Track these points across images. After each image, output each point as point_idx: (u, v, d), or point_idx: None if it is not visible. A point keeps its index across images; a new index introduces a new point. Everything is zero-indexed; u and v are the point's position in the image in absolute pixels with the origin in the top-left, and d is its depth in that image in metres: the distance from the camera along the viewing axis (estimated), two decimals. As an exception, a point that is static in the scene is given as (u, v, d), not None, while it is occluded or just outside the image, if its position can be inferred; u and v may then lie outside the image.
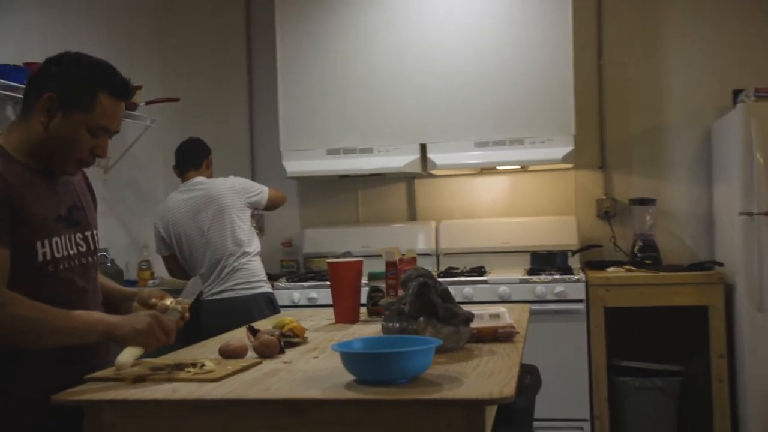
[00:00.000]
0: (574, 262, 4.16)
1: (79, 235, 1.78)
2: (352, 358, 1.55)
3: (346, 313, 2.42)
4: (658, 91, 4.34)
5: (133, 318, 1.67)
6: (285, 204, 3.91)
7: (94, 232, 1.85)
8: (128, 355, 1.64)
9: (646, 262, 4.02)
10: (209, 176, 3.64)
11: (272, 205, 3.72)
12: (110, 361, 1.75)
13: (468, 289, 3.79)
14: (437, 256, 4.40)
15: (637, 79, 4.36)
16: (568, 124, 3.94)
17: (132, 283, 3.99)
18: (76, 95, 1.68)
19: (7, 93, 3.03)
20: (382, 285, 2.47)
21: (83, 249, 1.79)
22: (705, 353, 3.76)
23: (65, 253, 1.72)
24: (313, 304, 3.87)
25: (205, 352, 1.97)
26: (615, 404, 3.83)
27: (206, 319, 3.26)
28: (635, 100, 4.36)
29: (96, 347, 1.75)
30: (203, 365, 1.68)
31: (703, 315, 3.73)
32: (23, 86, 3.03)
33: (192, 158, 3.62)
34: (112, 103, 1.72)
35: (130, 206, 4.27)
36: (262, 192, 3.62)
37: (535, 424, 2.65)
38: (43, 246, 1.67)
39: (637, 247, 4.13)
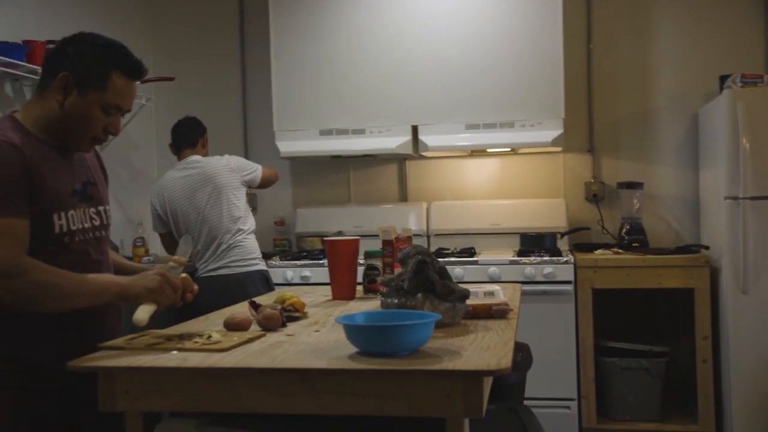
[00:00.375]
0: (562, 244, 4.23)
1: (92, 209, 1.83)
2: (356, 331, 1.61)
3: (343, 290, 2.48)
4: (647, 75, 4.40)
5: (143, 278, 1.75)
6: (277, 183, 3.96)
7: (107, 207, 1.90)
8: (144, 312, 1.70)
9: (634, 244, 4.09)
10: (205, 155, 3.68)
11: (265, 183, 3.76)
12: (120, 326, 1.80)
13: (458, 270, 3.85)
14: (428, 236, 4.46)
15: (626, 64, 4.41)
16: (557, 108, 3.99)
17: (128, 260, 4.02)
18: (91, 74, 1.73)
19: (6, 70, 3.04)
20: (378, 263, 2.52)
21: (97, 223, 1.84)
22: (690, 335, 3.85)
23: (80, 226, 1.78)
24: (306, 283, 3.92)
25: (209, 325, 2.02)
26: (602, 384, 3.92)
27: (202, 296, 3.29)
28: (624, 84, 4.42)
29: (105, 313, 1.81)
30: (210, 336, 1.73)
31: (689, 297, 3.82)
32: (23, 63, 3.08)
33: (188, 137, 3.65)
34: (124, 83, 1.77)
35: (124, 184, 4.29)
36: (256, 170, 3.66)
37: (525, 402, 2.72)
38: (59, 218, 1.72)
39: (624, 230, 4.21)
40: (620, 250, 4.03)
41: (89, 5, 3.97)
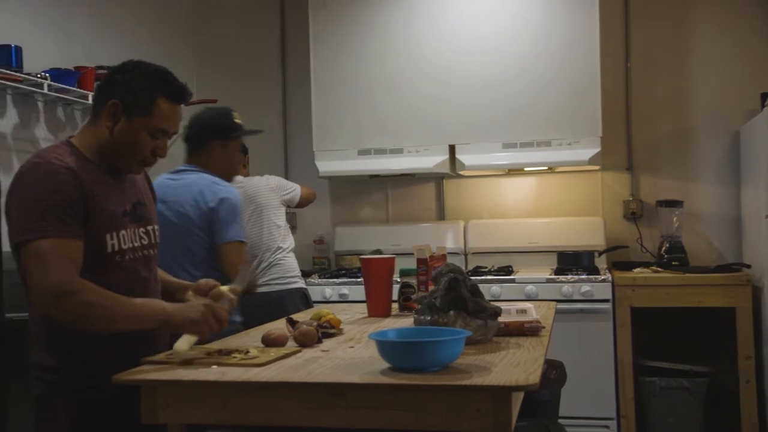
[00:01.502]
0: (600, 262, 4.21)
1: (142, 229, 1.92)
2: (388, 347, 1.65)
3: (378, 307, 2.52)
4: (686, 93, 4.38)
5: (188, 308, 1.81)
6: (316, 201, 4.04)
7: (155, 226, 1.99)
8: (184, 342, 1.78)
9: (673, 263, 4.06)
10: (246, 175, 3.77)
11: (304, 202, 3.85)
12: (168, 341, 1.88)
13: (495, 288, 3.87)
14: (465, 255, 4.48)
15: (665, 82, 4.40)
16: (595, 126, 4.00)
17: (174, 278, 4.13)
18: (137, 101, 1.82)
19: (59, 95, 3.18)
20: (413, 281, 2.56)
21: (146, 242, 1.93)
22: (732, 354, 3.80)
23: (130, 246, 1.86)
24: (344, 300, 3.97)
25: (247, 341, 2.08)
26: (641, 404, 3.88)
27: (242, 313, 3.37)
28: (663, 102, 4.41)
29: (156, 331, 1.89)
30: (248, 352, 1.80)
31: (731, 316, 3.77)
32: (74, 89, 3.21)
33: None
34: (169, 107, 1.85)
35: (167, 204, 4.40)
36: (295, 190, 3.75)
37: (563, 421, 2.72)
38: (112, 238, 1.81)
39: (663, 249, 4.18)
40: (659, 269, 4.00)
41: (136, 30, 4.12)
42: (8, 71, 2.87)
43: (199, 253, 2.60)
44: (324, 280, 4.16)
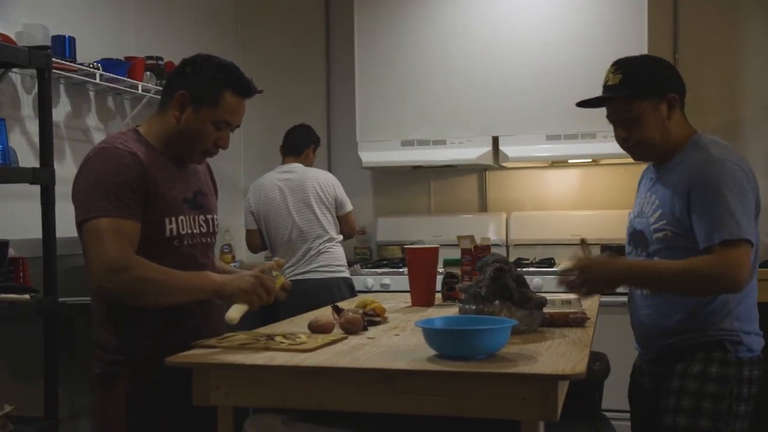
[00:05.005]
0: (645, 255, 4.16)
1: (201, 217, 1.98)
2: (435, 334, 1.67)
3: (422, 297, 2.54)
4: (736, 85, 4.29)
5: (238, 278, 1.86)
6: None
7: (215, 216, 2.06)
8: (236, 311, 1.82)
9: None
10: (308, 165, 3.86)
11: (348, 226, 3.88)
12: (222, 326, 1.94)
13: (537, 280, 3.85)
14: (507, 246, 4.47)
15: (714, 74, 4.31)
16: (642, 118, 3.95)
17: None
18: (205, 92, 1.88)
19: (109, 85, 3.24)
20: (457, 271, 2.57)
21: (204, 230, 1.99)
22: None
23: (189, 231, 1.93)
24: (386, 290, 3.99)
25: (293, 327, 2.11)
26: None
27: (290, 298, 3.42)
28: (712, 94, 4.32)
29: (210, 313, 1.96)
30: (296, 338, 1.83)
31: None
32: (124, 79, 3.27)
33: (294, 145, 3.87)
34: (234, 101, 1.91)
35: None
36: (347, 201, 3.84)
37: (607, 414, 2.70)
38: (170, 222, 1.88)
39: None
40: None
41: (183, 21, 4.18)
42: (62, 61, 2.93)
43: None
44: (366, 270, 4.19)
